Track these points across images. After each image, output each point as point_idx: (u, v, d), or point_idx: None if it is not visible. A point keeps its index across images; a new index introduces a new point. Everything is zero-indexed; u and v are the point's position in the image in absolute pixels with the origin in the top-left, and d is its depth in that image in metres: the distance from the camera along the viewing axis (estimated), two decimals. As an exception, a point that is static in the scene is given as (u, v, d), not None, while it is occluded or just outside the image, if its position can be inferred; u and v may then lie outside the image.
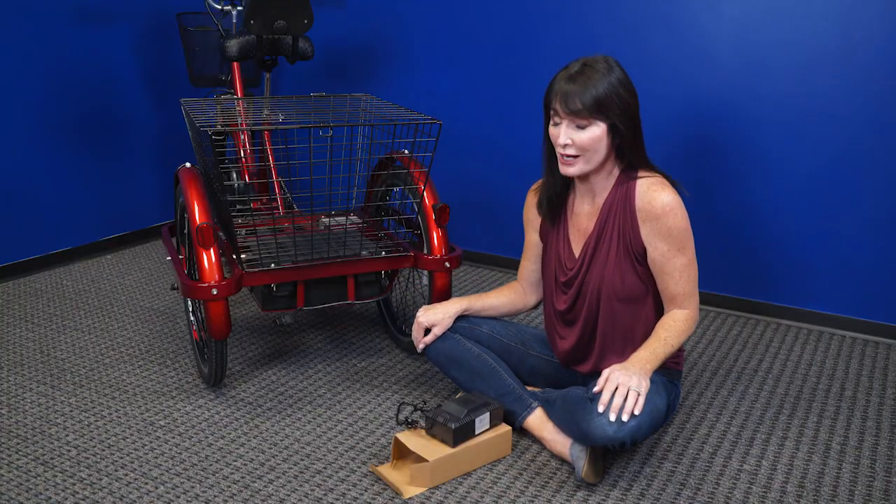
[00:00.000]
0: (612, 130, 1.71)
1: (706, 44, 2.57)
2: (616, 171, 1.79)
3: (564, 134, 1.72)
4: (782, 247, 2.60)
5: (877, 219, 2.44)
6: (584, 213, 1.85)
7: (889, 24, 2.31)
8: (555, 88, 1.72)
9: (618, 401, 1.60)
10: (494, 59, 2.98)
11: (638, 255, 1.77)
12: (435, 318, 1.96)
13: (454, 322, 1.98)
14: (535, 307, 2.09)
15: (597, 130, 1.70)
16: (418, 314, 1.98)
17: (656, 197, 1.72)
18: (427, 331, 1.98)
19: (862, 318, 2.53)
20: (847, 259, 2.51)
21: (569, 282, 1.86)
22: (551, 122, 1.77)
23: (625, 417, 1.59)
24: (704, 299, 2.77)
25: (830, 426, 1.98)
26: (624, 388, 1.61)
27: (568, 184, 1.88)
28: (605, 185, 1.80)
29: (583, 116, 1.69)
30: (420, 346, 1.97)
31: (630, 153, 1.75)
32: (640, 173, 1.77)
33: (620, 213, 1.77)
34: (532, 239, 2.00)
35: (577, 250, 1.86)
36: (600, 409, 1.61)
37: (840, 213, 2.49)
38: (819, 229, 2.53)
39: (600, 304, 1.82)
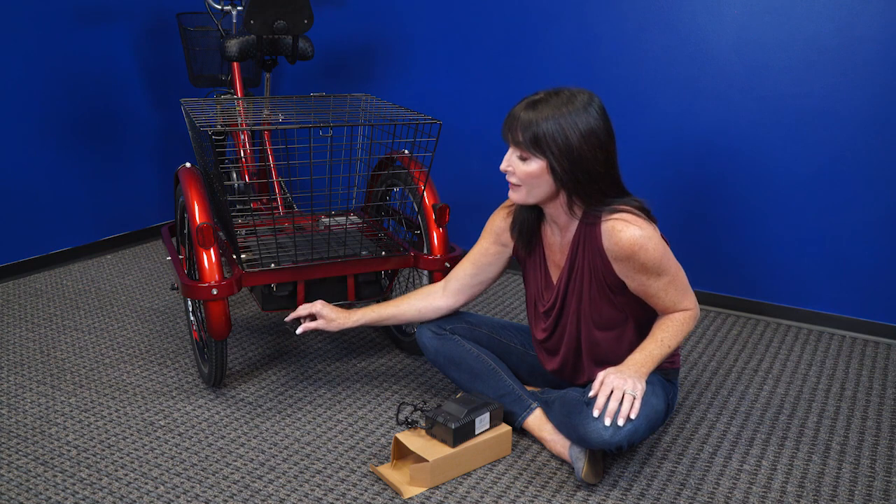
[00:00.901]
0: (552, 170, 1.65)
1: (706, 44, 2.57)
2: (578, 208, 1.70)
3: (507, 160, 1.69)
4: (782, 247, 2.60)
5: (876, 219, 2.44)
6: (556, 245, 1.80)
7: (889, 24, 2.31)
8: (510, 112, 1.68)
9: (613, 405, 1.59)
10: (494, 59, 2.98)
11: (613, 288, 1.72)
12: (328, 314, 1.94)
13: (454, 324, 1.98)
14: (449, 313, 1.99)
15: (535, 166, 1.65)
16: (317, 302, 1.95)
17: (622, 238, 1.63)
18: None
19: (862, 318, 2.53)
20: (847, 259, 2.51)
21: (548, 311, 1.84)
22: None
23: (620, 422, 1.58)
24: (704, 299, 2.77)
25: (830, 426, 1.98)
26: (619, 392, 1.59)
27: (539, 211, 1.82)
28: (568, 220, 1.73)
29: (522, 149, 1.65)
30: (299, 329, 1.93)
31: (576, 195, 1.67)
32: (605, 216, 1.67)
33: (589, 252, 1.71)
34: (485, 247, 1.90)
35: (553, 279, 1.83)
36: (595, 413, 1.60)
37: (839, 213, 2.49)
38: (819, 229, 2.53)
39: (580, 333, 1.80)
